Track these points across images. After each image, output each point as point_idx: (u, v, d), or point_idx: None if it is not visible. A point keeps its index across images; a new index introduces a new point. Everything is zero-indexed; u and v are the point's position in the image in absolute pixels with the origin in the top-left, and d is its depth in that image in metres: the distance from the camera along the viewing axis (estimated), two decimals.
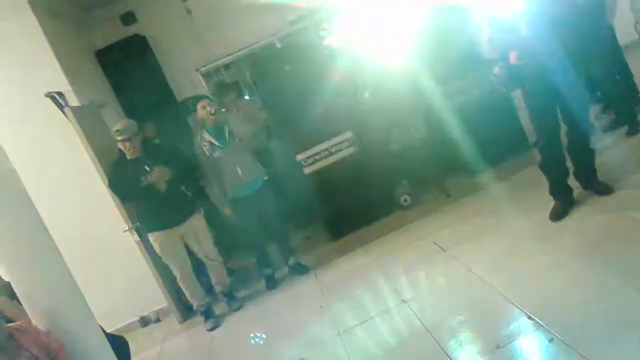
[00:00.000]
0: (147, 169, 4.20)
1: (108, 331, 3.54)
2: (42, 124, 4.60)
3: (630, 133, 4.37)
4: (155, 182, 4.21)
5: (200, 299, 4.55)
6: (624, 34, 4.34)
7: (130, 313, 5.00)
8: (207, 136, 4.51)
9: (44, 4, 4.76)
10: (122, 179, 4.23)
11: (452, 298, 3.37)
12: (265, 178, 4.71)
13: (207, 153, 4.48)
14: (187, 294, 4.56)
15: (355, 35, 5.28)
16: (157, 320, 5.05)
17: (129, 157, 4.25)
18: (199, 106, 4.58)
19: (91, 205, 4.69)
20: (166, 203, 4.26)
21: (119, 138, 4.20)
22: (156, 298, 4.80)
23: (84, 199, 4.70)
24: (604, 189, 3.66)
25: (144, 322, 5.04)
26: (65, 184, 4.70)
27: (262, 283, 4.83)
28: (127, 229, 4.45)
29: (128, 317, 5.01)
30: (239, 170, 4.49)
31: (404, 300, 3.54)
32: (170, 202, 4.28)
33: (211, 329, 4.45)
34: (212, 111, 4.50)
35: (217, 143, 4.49)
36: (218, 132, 4.53)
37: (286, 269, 4.86)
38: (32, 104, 4.54)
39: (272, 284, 4.75)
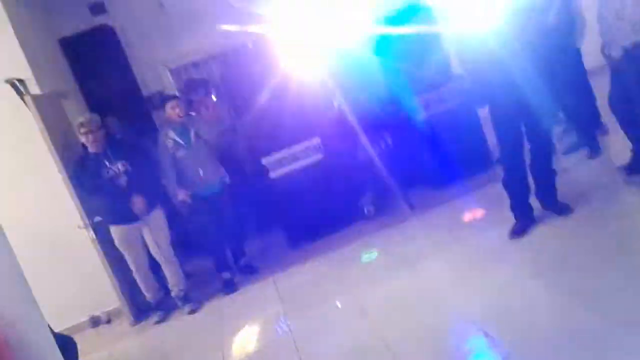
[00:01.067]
0: (107, 164, 4.22)
1: (56, 330, 3.42)
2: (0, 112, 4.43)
3: (592, 156, 4.48)
4: (138, 213, 4.31)
5: (154, 292, 4.61)
6: (590, 58, 4.43)
7: (80, 312, 4.84)
8: (171, 134, 4.53)
9: None
10: (84, 172, 4.23)
11: (411, 313, 3.35)
12: (227, 181, 4.75)
13: (170, 151, 4.49)
14: (142, 287, 4.57)
15: (327, 40, 5.26)
16: (108, 321, 4.91)
17: (91, 150, 4.24)
18: (168, 106, 4.60)
19: (46, 198, 4.54)
20: (127, 198, 4.27)
21: (82, 130, 4.20)
22: (108, 298, 4.68)
23: (39, 191, 4.55)
24: (564, 209, 3.72)
25: (95, 322, 4.89)
26: (20, 175, 4.53)
27: (219, 286, 4.76)
28: (82, 225, 4.31)
29: (78, 317, 4.84)
30: (200, 171, 4.54)
31: (363, 313, 3.52)
32: (131, 197, 4.28)
33: (158, 322, 4.53)
34: (181, 113, 4.55)
35: (181, 142, 4.52)
36: (183, 132, 4.56)
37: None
38: None
39: (230, 287, 4.70)
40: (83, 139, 4.23)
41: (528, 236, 3.66)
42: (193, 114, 5.06)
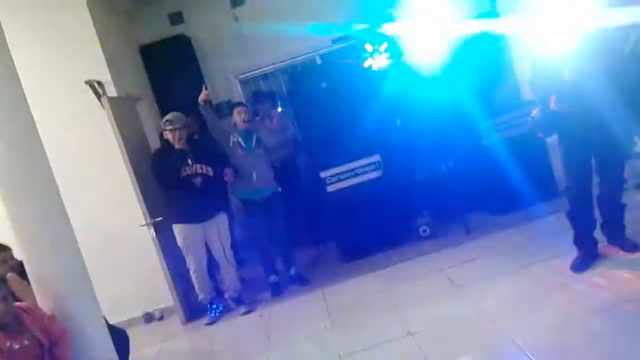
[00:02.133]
0: (190, 162, 4.39)
1: (111, 323, 3.56)
2: (78, 110, 4.70)
3: None
4: (228, 182, 4.52)
5: (207, 293, 4.68)
6: None
7: (135, 308, 5.01)
8: (236, 137, 4.72)
9: None
10: (167, 165, 4.38)
11: (459, 337, 3.27)
12: (278, 190, 4.86)
13: (231, 151, 4.69)
14: (197, 287, 4.67)
15: (397, 60, 5.28)
16: (161, 318, 5.05)
17: (176, 146, 4.42)
18: (235, 111, 4.82)
19: (113, 196, 4.74)
20: (199, 198, 4.43)
21: (169, 127, 4.41)
22: (163, 296, 4.81)
23: (107, 189, 4.76)
24: (631, 246, 3.56)
25: (148, 318, 5.04)
26: (91, 172, 4.76)
27: (266, 291, 4.84)
28: (144, 223, 4.48)
29: (133, 312, 5.01)
30: (254, 174, 4.66)
31: (409, 333, 3.46)
32: (202, 198, 4.44)
33: (210, 323, 4.61)
34: (245, 118, 4.74)
35: (243, 144, 4.71)
36: (247, 136, 4.74)
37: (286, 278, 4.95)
38: (72, 90, 4.64)
39: (276, 291, 4.80)
40: (169, 136, 4.42)
41: (590, 271, 3.51)
42: (257, 118, 5.21)
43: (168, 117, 4.47)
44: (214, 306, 4.69)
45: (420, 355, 3.18)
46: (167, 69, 6.10)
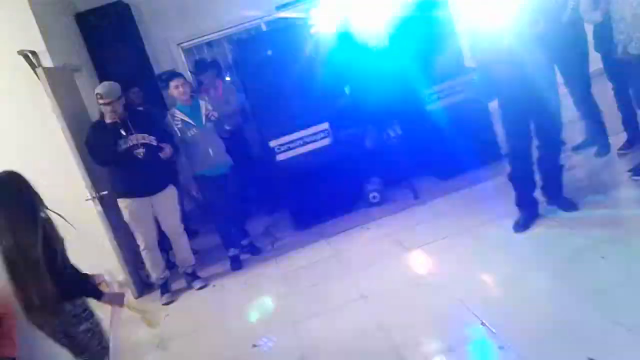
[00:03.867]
0: (125, 134, 4.14)
1: None
2: (11, 82, 4.45)
3: (600, 154, 4.46)
4: (165, 158, 4.22)
5: (160, 272, 4.53)
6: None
7: None
8: (179, 114, 4.49)
9: None
10: (100, 142, 4.14)
11: (410, 299, 3.38)
12: (231, 163, 4.73)
13: (179, 132, 4.45)
14: (148, 265, 4.52)
15: (343, 29, 5.25)
16: None
17: (107, 120, 4.17)
18: (171, 84, 4.52)
19: (54, 170, 4.54)
20: (143, 170, 4.21)
21: (100, 101, 4.14)
22: (113, 271, 4.70)
23: (48, 163, 4.55)
24: (569, 205, 3.73)
25: None
26: (29, 146, 4.53)
27: (224, 264, 4.81)
28: (89, 197, 4.35)
29: None
30: (210, 151, 4.50)
31: (362, 296, 3.55)
32: (147, 170, 4.23)
33: (166, 303, 4.47)
34: (184, 91, 4.48)
35: (191, 122, 4.48)
36: (193, 111, 4.52)
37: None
38: (3, 61, 4.39)
39: (236, 264, 4.75)
40: (101, 109, 4.18)
41: (532, 230, 3.67)
42: (199, 94, 5.06)
43: (98, 89, 4.16)
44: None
45: (374, 317, 3.28)
46: (106, 38, 5.87)
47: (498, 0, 3.46)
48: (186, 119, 4.47)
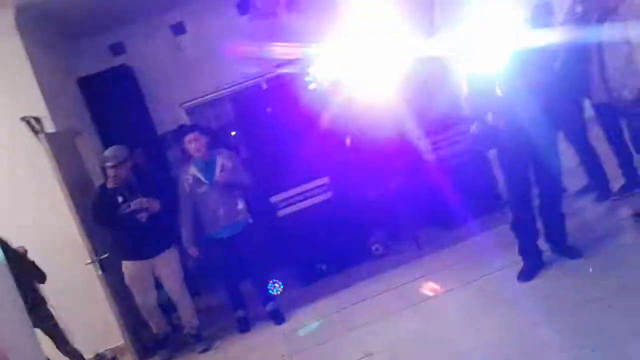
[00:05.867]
0: (125, 199, 4.16)
1: None
2: (14, 146, 4.53)
3: (600, 199, 4.43)
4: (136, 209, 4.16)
5: (160, 328, 4.51)
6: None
7: (85, 349, 4.77)
8: (192, 170, 4.38)
9: (33, 31, 4.76)
10: (100, 204, 4.18)
11: (415, 354, 3.29)
12: (250, 221, 4.55)
13: (188, 188, 4.37)
14: (151, 323, 4.49)
15: (342, 84, 5.34)
16: (114, 358, 4.86)
17: (109, 185, 4.21)
18: (185, 139, 4.41)
19: (56, 235, 4.56)
20: (144, 233, 4.22)
21: (107, 164, 4.18)
22: (114, 336, 4.64)
23: (49, 228, 4.57)
24: (573, 253, 3.67)
25: (100, 359, 4.85)
26: (31, 211, 4.56)
27: (230, 324, 4.69)
28: (90, 261, 4.33)
29: (83, 354, 4.80)
30: (220, 209, 4.37)
31: (367, 354, 3.46)
32: (149, 233, 4.24)
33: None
34: (200, 146, 4.34)
35: (203, 179, 4.36)
36: (208, 167, 4.38)
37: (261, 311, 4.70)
38: (7, 127, 4.48)
39: (244, 326, 4.59)
40: (106, 172, 4.21)
41: (537, 280, 3.60)
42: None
43: (106, 152, 4.24)
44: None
45: None
46: (109, 101, 5.95)
47: (491, 51, 3.52)
48: (198, 174, 4.35)
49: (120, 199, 4.18)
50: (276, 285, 4.71)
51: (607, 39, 3.55)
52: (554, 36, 3.63)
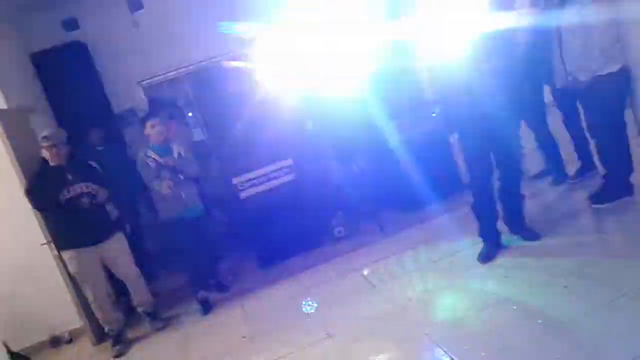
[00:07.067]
0: (70, 181, 4.00)
1: (14, 350, 3.32)
2: None
3: (556, 182, 4.56)
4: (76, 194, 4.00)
5: (111, 324, 4.32)
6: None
7: (41, 331, 4.67)
8: (153, 155, 4.35)
9: None
10: (41, 188, 3.96)
11: (376, 335, 3.32)
12: (202, 208, 4.61)
13: (152, 172, 4.30)
14: (99, 317, 4.31)
15: (305, 64, 5.29)
16: (70, 340, 4.75)
17: (51, 163, 4.02)
18: (147, 124, 4.43)
19: (9, 214, 4.41)
20: (86, 220, 4.04)
21: (45, 144, 4.01)
22: (70, 317, 4.53)
23: (2, 207, 4.41)
24: (531, 236, 3.77)
25: (56, 341, 4.72)
26: None
27: (186, 307, 4.67)
28: (45, 242, 4.19)
29: (38, 336, 4.67)
30: (182, 194, 4.37)
31: (329, 335, 3.48)
32: (92, 220, 4.07)
33: (117, 356, 4.23)
34: (160, 131, 4.41)
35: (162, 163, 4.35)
36: (165, 153, 4.40)
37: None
38: None
39: (207, 307, 4.55)
40: (45, 152, 4.02)
41: (495, 260, 3.68)
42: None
43: (45, 132, 4.06)
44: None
45: (339, 356, 3.21)
46: (62, 77, 5.75)
47: (453, 36, 3.53)
48: (160, 159, 4.33)
49: (68, 178, 4.00)
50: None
51: (566, 23, 3.61)
52: (516, 20, 3.66)
